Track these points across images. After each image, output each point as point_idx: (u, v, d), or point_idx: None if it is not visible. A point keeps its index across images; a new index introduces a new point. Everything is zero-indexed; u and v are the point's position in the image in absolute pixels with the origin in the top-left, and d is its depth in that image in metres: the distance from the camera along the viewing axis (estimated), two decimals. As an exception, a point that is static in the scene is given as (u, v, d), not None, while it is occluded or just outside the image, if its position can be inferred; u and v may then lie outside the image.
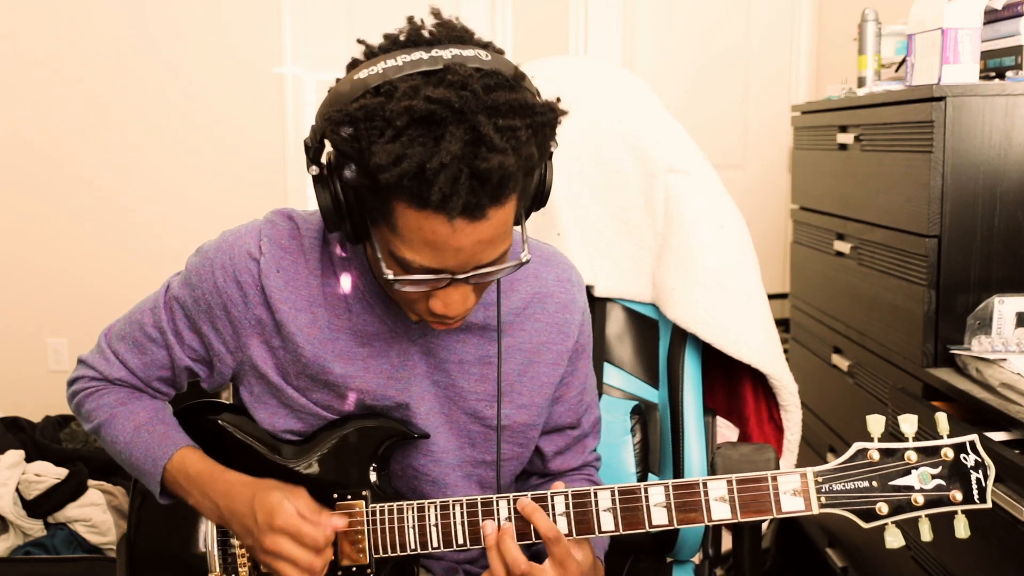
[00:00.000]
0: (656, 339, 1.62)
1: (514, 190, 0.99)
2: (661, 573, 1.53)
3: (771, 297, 1.68)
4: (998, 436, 1.53)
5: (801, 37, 3.68)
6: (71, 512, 2.49)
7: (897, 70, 2.32)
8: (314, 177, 1.04)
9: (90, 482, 2.56)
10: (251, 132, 3.51)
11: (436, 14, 1.05)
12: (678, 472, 1.52)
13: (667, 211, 1.58)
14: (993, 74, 1.90)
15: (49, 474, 2.51)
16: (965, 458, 1.07)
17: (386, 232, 1.01)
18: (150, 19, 3.42)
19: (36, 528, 2.47)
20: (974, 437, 1.08)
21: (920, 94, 1.84)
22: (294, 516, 1.12)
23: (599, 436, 1.39)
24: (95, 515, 2.51)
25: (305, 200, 3.53)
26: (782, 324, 2.45)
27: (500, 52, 1.03)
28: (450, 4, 3.51)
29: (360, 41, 1.05)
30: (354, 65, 1.03)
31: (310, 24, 3.49)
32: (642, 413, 1.56)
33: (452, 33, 1.02)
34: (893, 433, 1.12)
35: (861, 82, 2.35)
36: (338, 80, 1.03)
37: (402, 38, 1.02)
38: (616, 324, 1.63)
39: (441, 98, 0.93)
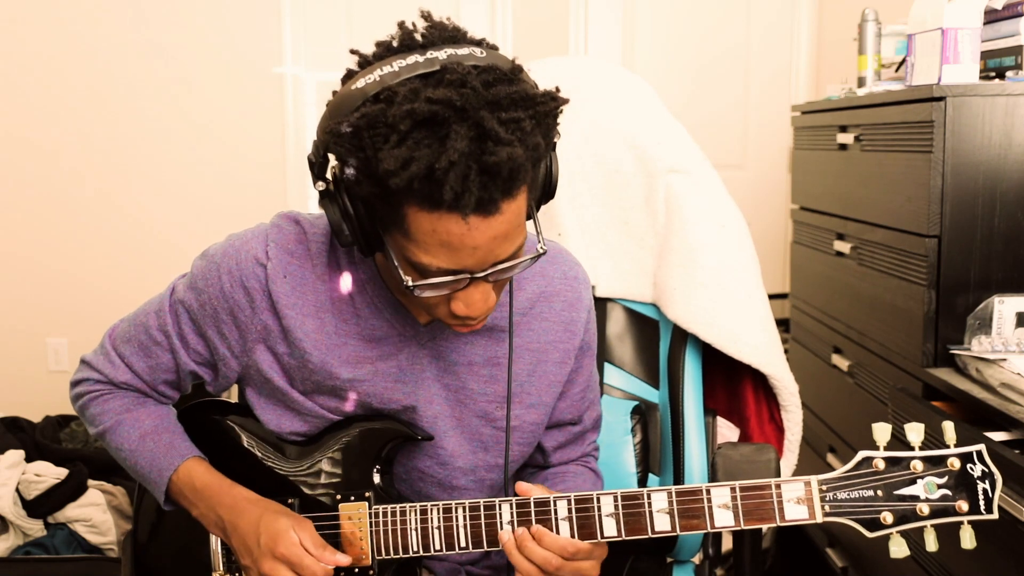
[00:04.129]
0: (657, 339, 1.62)
1: (524, 181, 0.98)
2: (661, 573, 1.53)
3: (771, 297, 1.68)
4: (998, 436, 1.53)
5: (801, 37, 3.68)
6: (71, 512, 2.49)
7: (897, 70, 2.32)
8: (321, 193, 1.04)
9: (90, 482, 2.56)
10: (251, 132, 3.51)
11: (426, 16, 1.04)
12: (678, 472, 1.51)
13: (668, 211, 1.58)
14: (993, 74, 1.90)
15: (49, 474, 2.51)
16: (972, 468, 1.06)
17: (400, 239, 1.01)
18: (150, 19, 3.42)
19: (36, 528, 2.47)
20: (981, 447, 1.07)
21: (920, 94, 1.84)
22: (297, 546, 1.11)
23: (599, 430, 1.39)
24: (95, 515, 2.50)
25: (305, 200, 3.53)
26: (782, 324, 2.45)
27: (494, 48, 1.03)
28: (450, 4, 3.51)
29: (353, 51, 1.04)
30: (349, 76, 1.02)
31: (310, 24, 3.49)
32: (642, 413, 1.56)
33: (445, 34, 1.02)
34: (899, 439, 1.10)
35: (861, 82, 2.35)
36: (335, 93, 1.02)
37: (395, 44, 1.01)
38: (617, 324, 1.63)
39: (442, 98, 0.93)
